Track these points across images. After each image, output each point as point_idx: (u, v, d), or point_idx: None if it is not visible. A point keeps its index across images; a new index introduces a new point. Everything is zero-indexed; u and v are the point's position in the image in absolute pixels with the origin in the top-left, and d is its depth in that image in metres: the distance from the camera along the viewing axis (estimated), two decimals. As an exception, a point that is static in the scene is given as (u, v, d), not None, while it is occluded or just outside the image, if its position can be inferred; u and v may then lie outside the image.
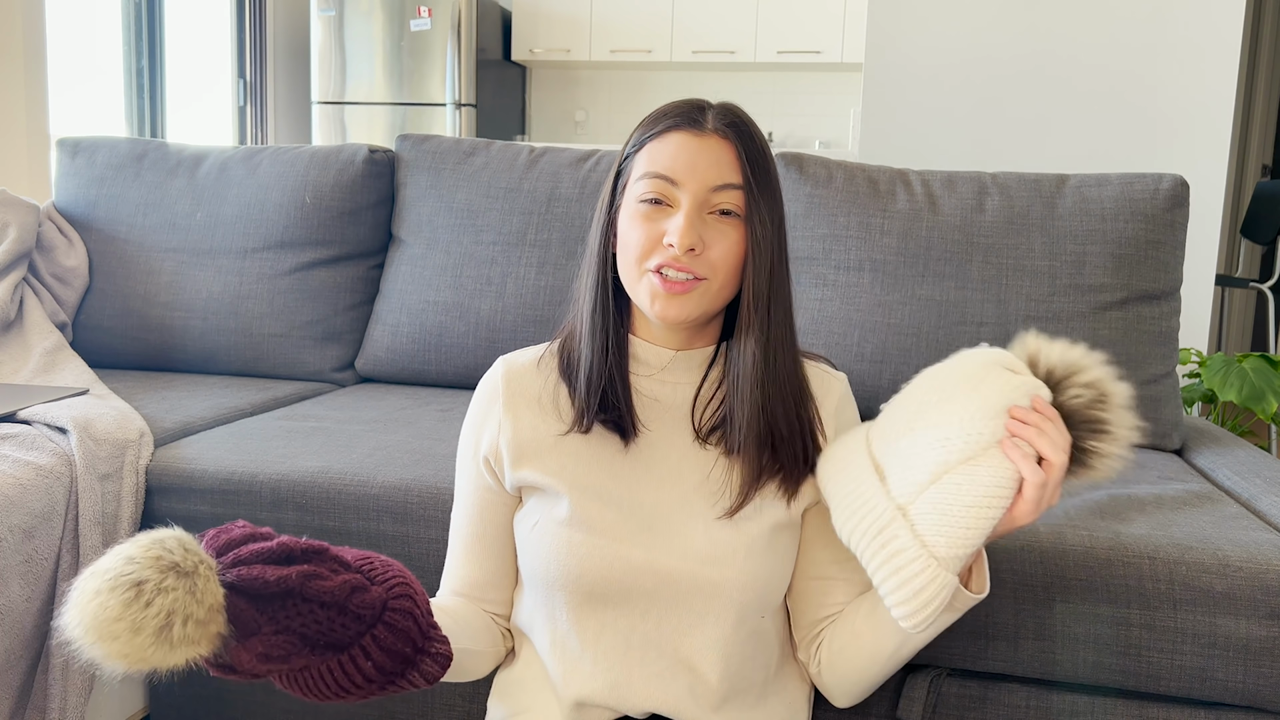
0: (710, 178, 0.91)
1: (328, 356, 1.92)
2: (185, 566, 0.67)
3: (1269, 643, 1.09)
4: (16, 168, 3.11)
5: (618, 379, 0.96)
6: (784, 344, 0.95)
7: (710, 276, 0.92)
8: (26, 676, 1.23)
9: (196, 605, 0.66)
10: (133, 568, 0.66)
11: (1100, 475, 0.88)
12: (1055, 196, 1.68)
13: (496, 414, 1.00)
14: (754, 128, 0.95)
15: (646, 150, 0.94)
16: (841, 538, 0.89)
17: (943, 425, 0.86)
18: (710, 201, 0.92)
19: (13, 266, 1.85)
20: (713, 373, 1.00)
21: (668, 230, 0.91)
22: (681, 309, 0.92)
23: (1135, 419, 0.88)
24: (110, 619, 0.65)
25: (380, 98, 4.79)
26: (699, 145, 0.92)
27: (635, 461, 0.97)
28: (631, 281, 0.94)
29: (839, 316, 1.68)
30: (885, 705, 1.21)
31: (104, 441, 1.34)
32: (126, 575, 0.66)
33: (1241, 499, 1.37)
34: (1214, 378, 2.21)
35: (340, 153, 1.97)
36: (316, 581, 0.71)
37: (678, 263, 0.90)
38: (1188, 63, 2.47)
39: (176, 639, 0.65)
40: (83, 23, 3.87)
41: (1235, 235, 5.05)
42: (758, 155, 0.93)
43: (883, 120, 2.66)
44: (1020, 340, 0.93)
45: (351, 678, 0.74)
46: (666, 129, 0.93)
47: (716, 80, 5.40)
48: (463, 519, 1.03)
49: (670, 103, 0.96)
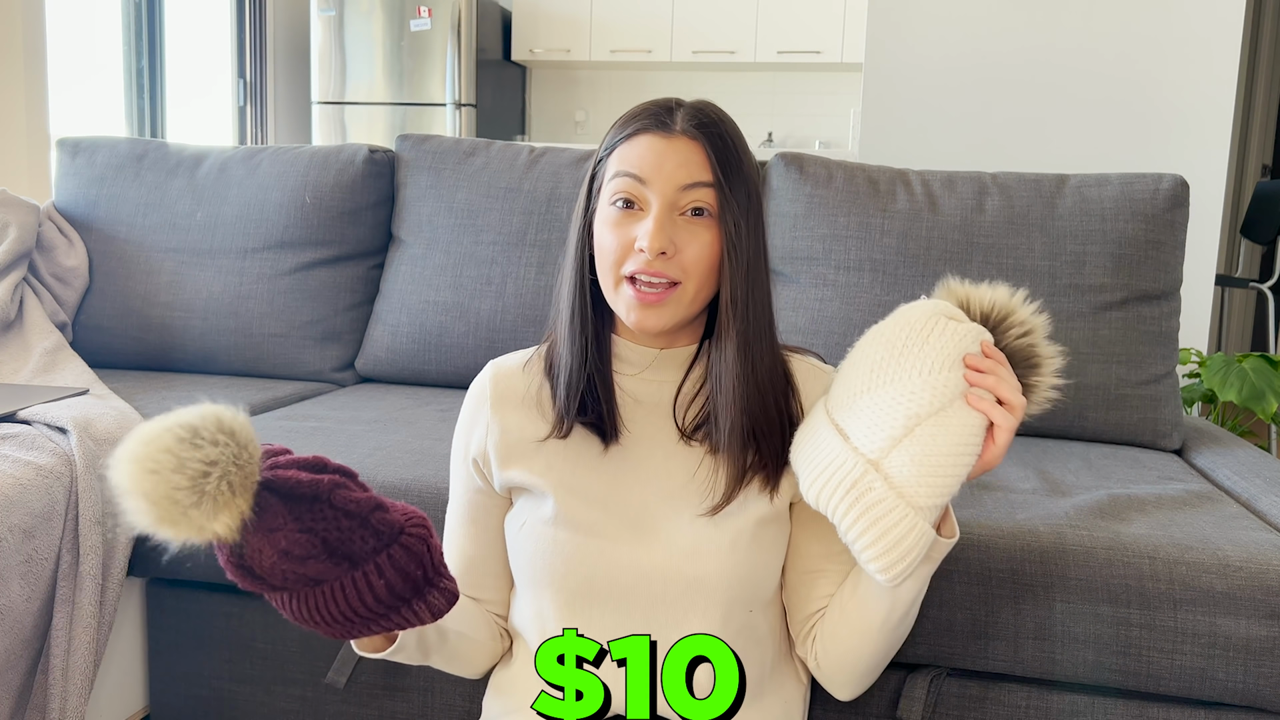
0: (679, 177, 0.91)
1: (328, 356, 1.92)
2: (240, 437, 0.71)
3: (1269, 643, 1.09)
4: (16, 168, 3.11)
5: (598, 382, 0.97)
6: (764, 341, 0.95)
7: (684, 280, 0.92)
8: (26, 676, 1.23)
9: (237, 470, 0.70)
10: (194, 419, 0.70)
11: (1037, 408, 0.95)
12: (1055, 196, 1.68)
13: (484, 417, 1.01)
14: (726, 126, 0.94)
15: (617, 153, 0.94)
16: (809, 499, 0.89)
17: (904, 379, 0.89)
18: (680, 202, 0.91)
19: (13, 266, 1.84)
20: (695, 370, 1.00)
21: (638, 234, 0.91)
22: (659, 318, 0.92)
23: (1058, 347, 0.96)
24: (159, 448, 0.68)
25: (380, 98, 4.79)
26: (666, 146, 0.91)
27: (620, 460, 0.98)
28: (609, 289, 0.94)
29: (839, 316, 1.68)
30: (885, 705, 1.21)
31: (104, 441, 1.34)
32: (187, 421, 0.70)
33: (1241, 499, 1.37)
34: (1214, 378, 2.21)
35: (340, 153, 1.97)
36: (344, 491, 0.74)
37: (650, 268, 0.90)
38: (1188, 63, 2.47)
39: (210, 491, 0.68)
40: (83, 22, 3.87)
41: (1235, 235, 5.05)
42: (728, 153, 0.92)
43: (883, 120, 2.65)
44: (945, 286, 0.97)
45: (362, 596, 0.75)
46: (635, 131, 0.93)
47: (716, 80, 5.40)
48: (456, 522, 1.04)
49: (641, 104, 0.96)
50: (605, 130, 4.47)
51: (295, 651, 1.39)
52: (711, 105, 0.96)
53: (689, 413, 0.99)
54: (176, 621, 1.43)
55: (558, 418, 0.98)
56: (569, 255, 0.98)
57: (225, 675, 1.42)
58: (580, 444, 0.98)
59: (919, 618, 1.17)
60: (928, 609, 1.17)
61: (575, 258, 0.97)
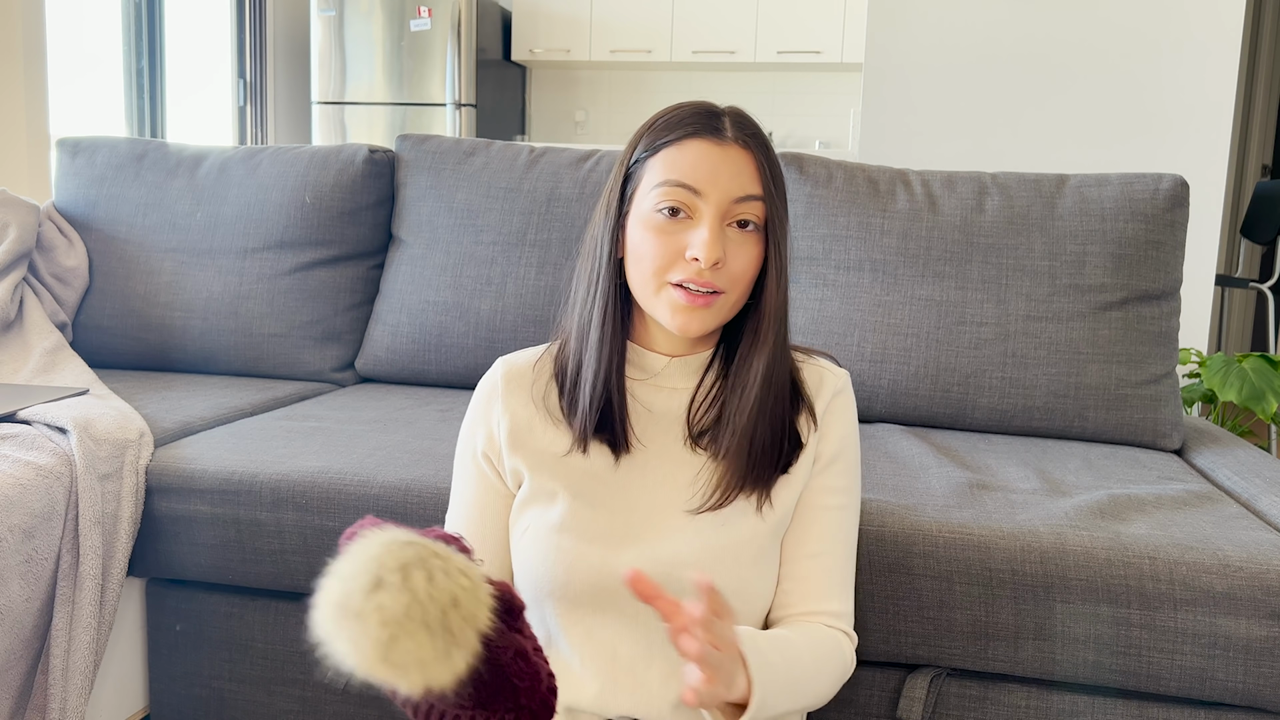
0: (733, 188, 0.90)
1: (328, 356, 1.92)
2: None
3: (1269, 643, 1.09)
4: (16, 168, 3.11)
5: (616, 393, 0.96)
6: (784, 353, 0.96)
7: (729, 290, 0.92)
8: (26, 676, 1.23)
9: (478, 605, 0.63)
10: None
11: None
12: (1055, 196, 1.68)
13: (496, 410, 1.00)
14: (766, 137, 0.95)
15: (662, 157, 0.92)
16: None
17: None
18: (732, 212, 0.90)
19: (13, 266, 1.84)
20: (708, 377, 0.99)
21: (690, 243, 0.89)
22: (703, 322, 0.92)
23: None
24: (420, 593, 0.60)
25: (380, 98, 4.78)
26: (721, 155, 0.90)
27: (628, 468, 0.97)
28: (647, 294, 0.93)
29: (839, 316, 1.68)
30: (885, 705, 1.21)
31: (104, 441, 1.34)
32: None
33: (1241, 499, 1.37)
34: (1214, 378, 2.21)
35: (340, 153, 1.97)
36: (525, 697, 0.69)
37: (701, 278, 0.89)
38: (1188, 62, 2.47)
39: (455, 626, 0.61)
40: (82, 22, 3.86)
41: (1235, 235, 5.05)
42: (774, 165, 0.93)
43: (883, 120, 2.65)
44: None
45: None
46: (684, 135, 0.91)
47: (716, 80, 5.40)
48: (462, 521, 1.02)
49: (680, 107, 0.94)
50: (605, 130, 4.45)
51: (295, 651, 1.39)
52: (749, 114, 0.95)
53: (700, 418, 0.98)
54: (176, 621, 1.43)
55: (579, 434, 0.97)
56: (596, 259, 0.96)
57: (225, 675, 1.42)
58: (592, 453, 0.98)
59: (918, 618, 1.17)
60: (928, 609, 1.17)
61: (607, 262, 0.95)
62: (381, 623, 0.59)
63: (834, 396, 1.01)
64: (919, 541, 1.17)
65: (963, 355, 1.62)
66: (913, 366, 1.63)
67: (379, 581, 0.60)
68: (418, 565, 0.61)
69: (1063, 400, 1.60)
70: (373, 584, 0.60)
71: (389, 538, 0.63)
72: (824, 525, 0.98)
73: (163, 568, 1.39)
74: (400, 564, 0.61)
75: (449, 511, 1.04)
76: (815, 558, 0.97)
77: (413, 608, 0.59)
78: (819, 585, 0.97)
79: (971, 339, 1.62)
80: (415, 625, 0.59)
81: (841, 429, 1.00)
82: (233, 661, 1.41)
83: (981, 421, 1.63)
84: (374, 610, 0.59)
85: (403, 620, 0.59)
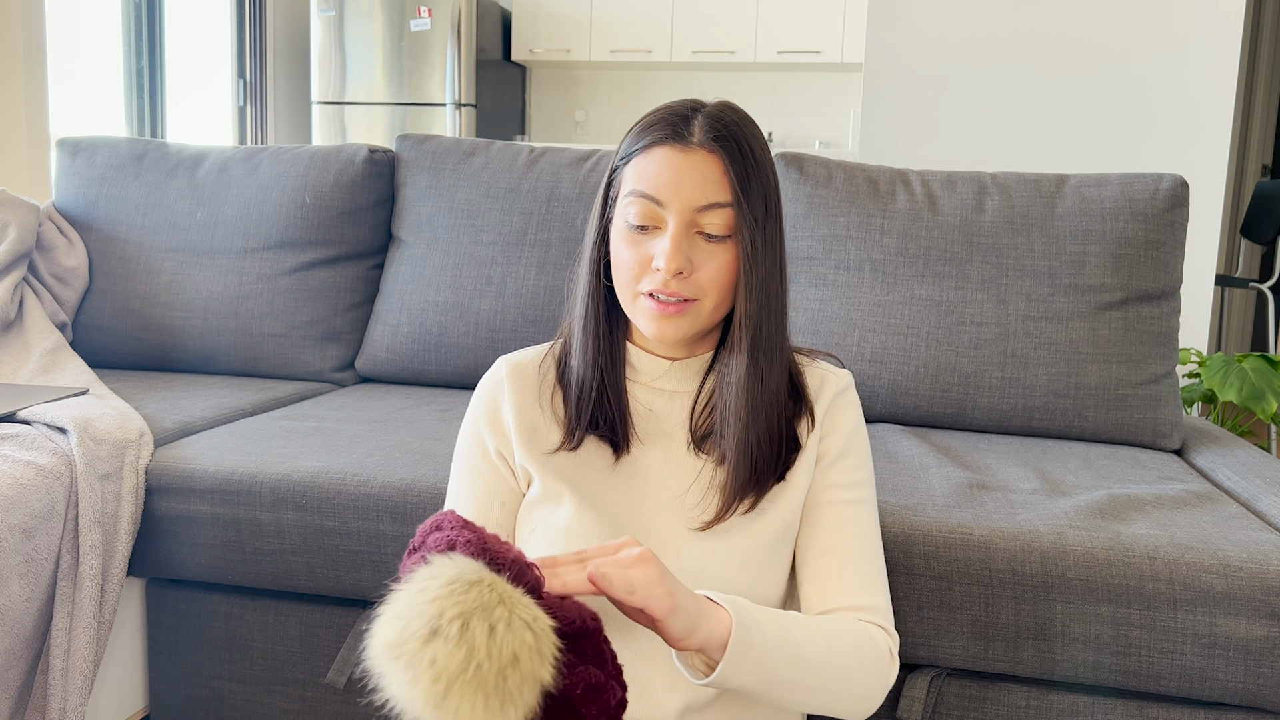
0: (695, 198, 0.89)
1: (328, 356, 1.92)
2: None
3: (1269, 643, 1.09)
4: (16, 168, 3.11)
5: (611, 392, 0.96)
6: (774, 356, 0.94)
7: (701, 297, 0.91)
8: (26, 676, 1.23)
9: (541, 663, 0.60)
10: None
11: None
12: (1055, 196, 1.68)
13: (505, 409, 1.00)
14: (745, 131, 0.91)
15: (633, 165, 0.92)
16: None
17: None
18: (697, 221, 0.90)
19: (13, 266, 1.84)
20: (709, 380, 0.99)
21: (655, 253, 0.90)
22: (678, 329, 0.92)
23: None
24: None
25: (380, 98, 4.78)
26: (683, 162, 0.89)
27: (631, 471, 0.97)
28: (627, 301, 0.94)
29: (839, 316, 1.68)
30: (885, 705, 1.21)
31: (104, 441, 1.34)
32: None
33: (1241, 499, 1.37)
34: (1214, 378, 2.21)
35: (340, 153, 1.97)
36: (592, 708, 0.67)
37: (667, 287, 0.89)
38: (1188, 62, 2.47)
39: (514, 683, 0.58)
40: (82, 22, 3.86)
41: (1235, 235, 5.05)
42: (746, 164, 0.90)
43: (883, 120, 2.66)
44: None
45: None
46: (651, 143, 0.91)
47: (716, 80, 5.40)
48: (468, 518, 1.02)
49: (661, 108, 0.93)
50: (605, 130, 4.45)
51: (295, 651, 1.39)
52: (731, 109, 0.93)
53: (702, 421, 0.98)
54: (176, 621, 1.43)
55: (568, 428, 0.97)
56: (584, 260, 0.97)
57: (225, 675, 1.42)
58: (592, 453, 0.98)
59: (918, 618, 1.17)
60: (928, 609, 1.17)
61: (591, 263, 0.96)
62: (434, 677, 0.57)
63: (836, 397, 1.00)
64: (919, 541, 1.17)
65: (962, 355, 1.62)
66: (913, 366, 1.63)
67: (436, 631, 0.57)
68: (481, 615, 0.58)
69: (1062, 400, 1.60)
70: (429, 633, 0.57)
71: (455, 574, 0.60)
72: (835, 521, 0.97)
73: (163, 568, 1.39)
74: (461, 613, 0.58)
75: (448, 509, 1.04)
76: (830, 554, 0.96)
77: (469, 664, 0.57)
78: (839, 581, 0.95)
79: (971, 339, 1.62)
80: (470, 683, 0.57)
81: (846, 426, 1.00)
82: (232, 661, 1.41)
83: (981, 421, 1.63)
84: (428, 663, 0.57)
85: (457, 676, 0.57)
